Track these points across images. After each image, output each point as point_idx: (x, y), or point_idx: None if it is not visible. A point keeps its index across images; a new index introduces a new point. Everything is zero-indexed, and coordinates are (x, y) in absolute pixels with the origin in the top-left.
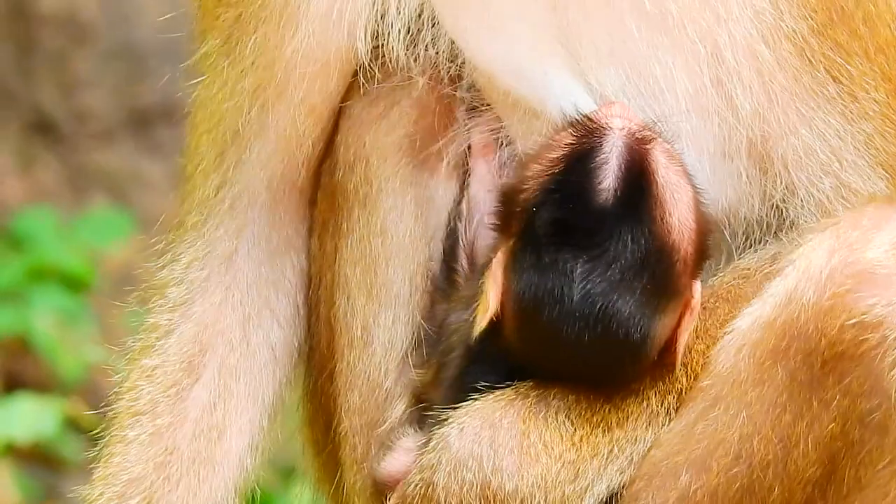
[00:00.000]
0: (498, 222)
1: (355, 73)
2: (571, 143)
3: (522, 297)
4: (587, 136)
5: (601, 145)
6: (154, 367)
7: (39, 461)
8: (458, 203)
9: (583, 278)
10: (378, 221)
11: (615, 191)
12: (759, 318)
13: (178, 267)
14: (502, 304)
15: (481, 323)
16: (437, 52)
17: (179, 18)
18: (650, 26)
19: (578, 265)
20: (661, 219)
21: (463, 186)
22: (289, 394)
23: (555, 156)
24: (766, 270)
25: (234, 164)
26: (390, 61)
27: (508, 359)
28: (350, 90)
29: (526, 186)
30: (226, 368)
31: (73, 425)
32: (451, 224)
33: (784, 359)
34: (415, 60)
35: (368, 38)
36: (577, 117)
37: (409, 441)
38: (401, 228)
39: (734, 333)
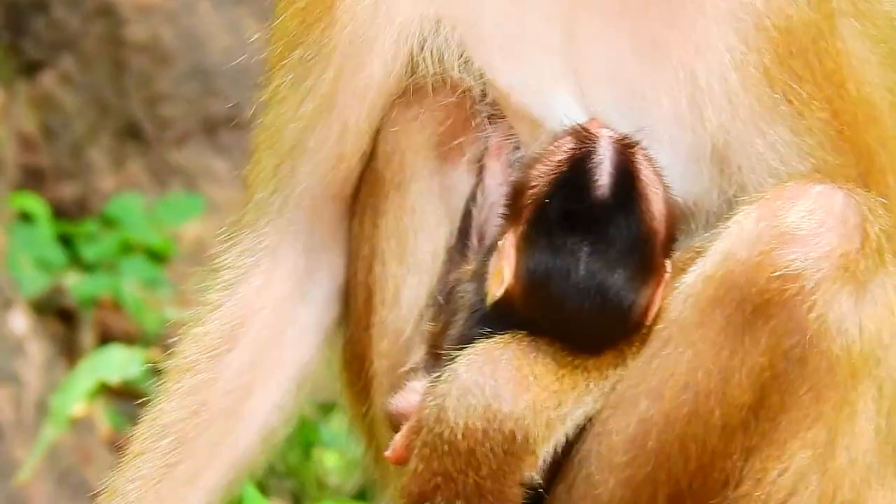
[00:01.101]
0: (507, 212)
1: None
2: (572, 148)
3: (535, 272)
4: (584, 143)
5: (596, 150)
6: (201, 335)
7: (127, 398)
8: (474, 191)
9: (587, 257)
10: (409, 202)
11: (610, 187)
12: (702, 274)
13: (232, 255)
14: (515, 278)
15: (497, 293)
16: (463, 74)
17: (240, 45)
18: (642, 55)
19: (584, 247)
20: (646, 209)
21: (479, 178)
22: (322, 357)
23: (559, 158)
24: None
25: (287, 175)
26: (425, 79)
27: (508, 320)
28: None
29: (535, 183)
30: (259, 340)
31: (154, 370)
32: (467, 208)
33: (722, 306)
34: (443, 80)
35: (409, 67)
36: (574, 128)
37: (417, 383)
38: (427, 209)
39: (682, 287)
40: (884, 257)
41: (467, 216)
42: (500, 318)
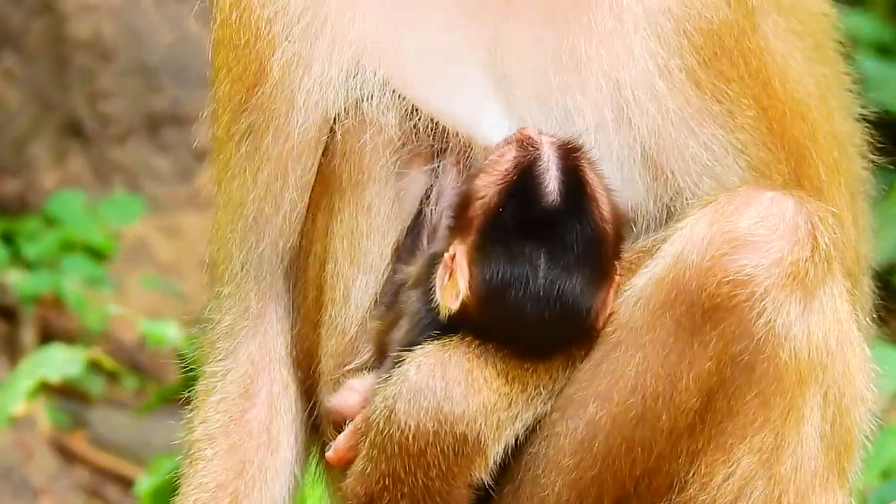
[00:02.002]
0: (454, 224)
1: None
2: (516, 157)
3: (492, 282)
4: (527, 150)
5: (540, 156)
6: (218, 401)
7: (68, 396)
8: (428, 194)
9: (546, 264)
10: (365, 203)
11: (560, 192)
12: (653, 276)
13: (223, 327)
14: (470, 289)
15: (453, 306)
16: (386, 110)
17: (182, 42)
18: (565, 68)
19: (542, 254)
20: (596, 211)
21: (434, 180)
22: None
23: (505, 167)
24: (657, 246)
25: (255, 244)
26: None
27: (457, 327)
28: None
29: (483, 194)
30: (272, 395)
31: (94, 367)
32: (420, 209)
33: (671, 309)
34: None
35: (349, 110)
36: (516, 136)
37: (356, 382)
38: (382, 210)
39: (632, 289)
40: (832, 266)
41: (419, 217)
42: (449, 326)
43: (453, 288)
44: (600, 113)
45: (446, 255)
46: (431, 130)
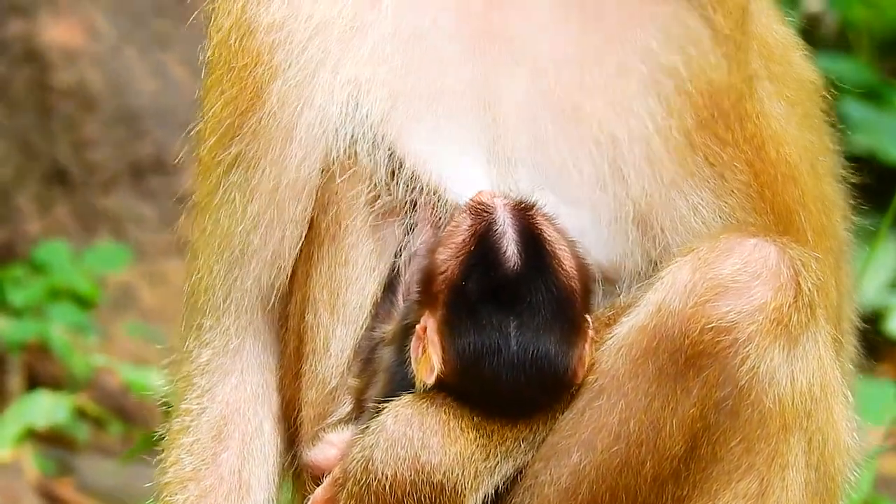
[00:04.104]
0: (421, 298)
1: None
2: (471, 225)
3: (465, 355)
4: (481, 217)
5: (495, 221)
6: (192, 443)
7: (54, 443)
8: (403, 248)
9: (516, 331)
10: (343, 254)
11: (519, 255)
12: (635, 324)
13: (201, 361)
14: (444, 363)
15: (429, 381)
16: (375, 157)
17: (166, 89)
18: (564, 122)
19: (511, 321)
20: (560, 268)
21: (407, 237)
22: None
23: (462, 238)
24: (639, 295)
25: (239, 277)
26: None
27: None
28: None
29: (444, 268)
30: (245, 436)
31: (81, 414)
32: (395, 265)
33: (654, 356)
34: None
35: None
36: (468, 204)
37: (334, 436)
38: (360, 262)
39: (614, 338)
40: (815, 311)
41: (394, 273)
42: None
43: (427, 363)
44: (597, 169)
45: (418, 326)
46: (410, 183)
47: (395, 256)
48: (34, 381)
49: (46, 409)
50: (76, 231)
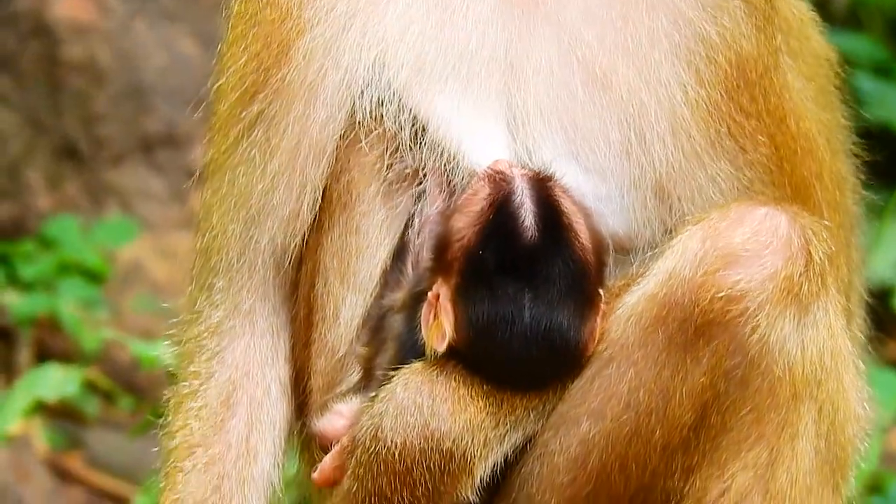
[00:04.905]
0: (435, 265)
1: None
2: (490, 194)
3: (477, 324)
4: (500, 186)
5: (513, 191)
6: (200, 408)
7: (64, 417)
8: (413, 217)
9: (531, 303)
10: (354, 223)
11: (537, 227)
12: (645, 293)
13: (212, 322)
14: (456, 331)
15: (440, 348)
16: (398, 120)
17: (176, 64)
18: (592, 88)
19: (526, 292)
20: (576, 242)
21: (418, 205)
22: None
23: (480, 207)
24: (649, 264)
25: (255, 237)
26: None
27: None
28: None
29: (461, 236)
30: (254, 402)
31: (91, 388)
32: (405, 233)
33: (664, 325)
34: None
35: (351, 114)
36: (487, 173)
37: (343, 406)
38: (371, 230)
39: (624, 307)
40: (826, 281)
41: (404, 242)
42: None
43: (438, 330)
44: (624, 137)
45: (430, 294)
46: (431, 148)
47: (406, 225)
48: (44, 356)
49: (56, 382)
50: (86, 206)
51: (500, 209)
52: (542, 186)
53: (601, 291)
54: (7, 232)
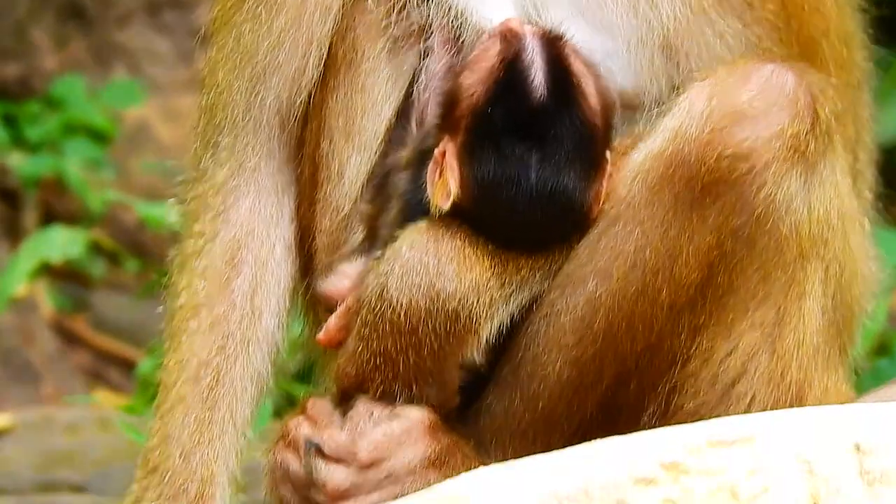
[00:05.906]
0: (442, 122)
1: None
2: (500, 51)
3: (483, 183)
4: (510, 44)
5: (524, 49)
6: (205, 267)
7: (69, 279)
8: (417, 75)
9: (538, 164)
10: (360, 81)
11: (547, 86)
12: (651, 151)
13: (216, 181)
14: (462, 189)
15: (444, 206)
16: None
17: None
18: None
19: (533, 153)
20: (585, 103)
21: (423, 62)
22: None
23: (490, 64)
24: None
25: (261, 93)
26: None
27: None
28: None
29: (469, 93)
30: (258, 261)
31: (96, 250)
32: (409, 91)
33: (670, 183)
34: None
35: None
36: (497, 29)
37: (347, 267)
38: (376, 88)
39: (631, 165)
40: (833, 139)
41: (409, 100)
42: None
43: (444, 187)
44: None
45: (436, 151)
46: (430, 7)
47: (411, 82)
48: (49, 217)
49: (61, 243)
50: (92, 66)
51: (511, 67)
52: (553, 46)
53: (608, 154)
54: (13, 92)
